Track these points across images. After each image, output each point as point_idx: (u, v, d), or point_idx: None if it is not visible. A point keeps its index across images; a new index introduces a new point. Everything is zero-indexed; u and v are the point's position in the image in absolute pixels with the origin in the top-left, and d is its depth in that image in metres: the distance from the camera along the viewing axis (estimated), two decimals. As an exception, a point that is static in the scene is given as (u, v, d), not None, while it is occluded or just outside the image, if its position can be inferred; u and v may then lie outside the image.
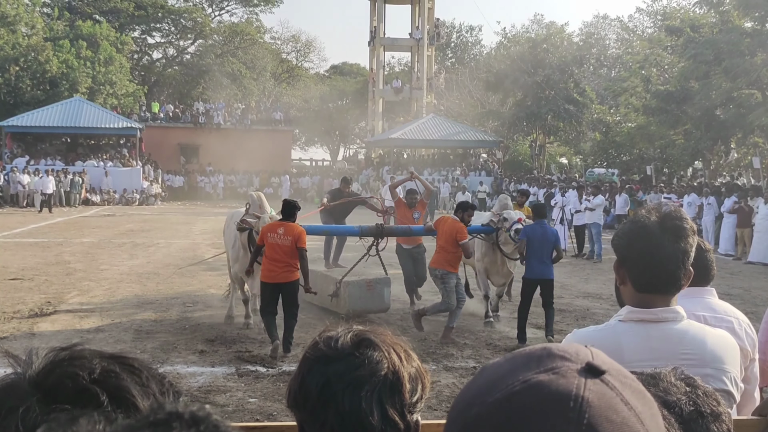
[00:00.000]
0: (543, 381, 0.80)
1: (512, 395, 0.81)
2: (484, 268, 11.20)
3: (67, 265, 16.32)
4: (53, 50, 42.41)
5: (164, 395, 1.03)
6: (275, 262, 8.86)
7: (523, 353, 0.87)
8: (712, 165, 32.92)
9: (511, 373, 0.83)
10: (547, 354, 0.85)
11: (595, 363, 0.83)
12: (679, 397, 1.34)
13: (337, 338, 1.27)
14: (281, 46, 66.72)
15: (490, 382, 0.84)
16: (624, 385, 0.82)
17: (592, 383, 0.80)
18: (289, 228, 8.96)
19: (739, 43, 26.45)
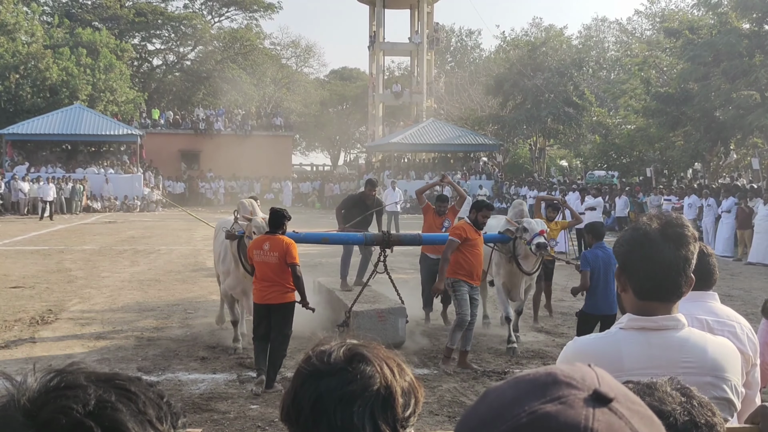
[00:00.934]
0: (550, 412, 0.78)
1: (518, 428, 0.78)
2: (501, 282, 10.11)
3: (69, 272, 16.34)
4: (53, 58, 42.45)
5: (161, 421, 1.00)
6: (264, 281, 7.89)
7: (527, 378, 0.84)
8: (712, 166, 32.91)
9: (517, 403, 0.81)
10: (552, 381, 0.82)
11: (602, 390, 0.81)
12: (674, 407, 1.35)
13: (330, 352, 1.27)
14: (281, 51, 66.86)
15: (495, 411, 0.82)
16: (632, 412, 0.81)
17: (600, 413, 0.78)
18: (275, 242, 7.88)
19: (737, 45, 26.45)
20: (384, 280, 9.98)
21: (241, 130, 48.46)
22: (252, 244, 8.16)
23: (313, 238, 10.20)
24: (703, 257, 3.08)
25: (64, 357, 9.21)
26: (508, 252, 9.80)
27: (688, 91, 29.51)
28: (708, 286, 3.15)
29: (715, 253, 3.36)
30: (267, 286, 7.87)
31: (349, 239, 10.58)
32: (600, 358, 2.19)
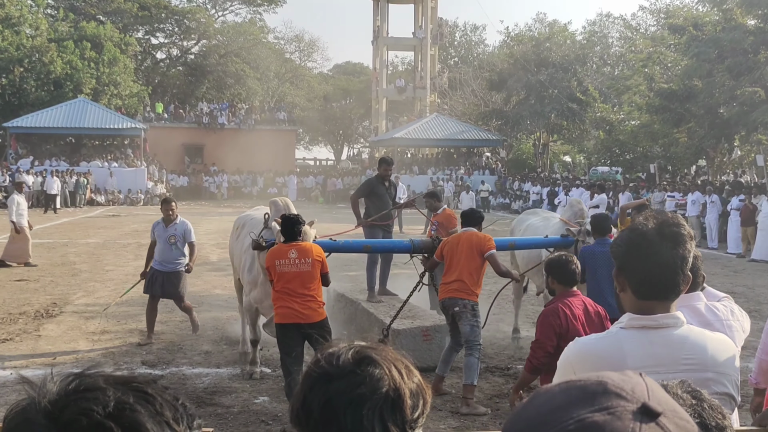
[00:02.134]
0: (598, 422, 0.78)
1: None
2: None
3: (73, 265, 16.38)
4: (57, 51, 42.47)
5: (178, 422, 1.03)
6: (291, 296, 6.78)
7: (577, 385, 0.85)
8: (716, 163, 32.88)
9: (565, 409, 0.81)
10: (602, 390, 0.82)
11: (651, 405, 0.81)
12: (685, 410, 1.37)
13: (339, 355, 1.28)
14: (285, 45, 66.87)
15: (543, 415, 0.82)
16: (679, 428, 0.81)
17: (647, 428, 0.78)
18: (302, 248, 6.84)
19: (742, 41, 26.41)
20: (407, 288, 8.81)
21: (245, 124, 48.48)
22: (272, 253, 6.91)
23: (354, 247, 8.82)
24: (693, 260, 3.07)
25: (69, 350, 9.26)
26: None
27: (693, 88, 29.47)
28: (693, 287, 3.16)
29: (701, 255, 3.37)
30: (297, 301, 6.77)
31: (394, 247, 9.26)
32: (603, 358, 2.22)
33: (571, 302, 5.33)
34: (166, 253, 9.91)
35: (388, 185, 10.53)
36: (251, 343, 8.33)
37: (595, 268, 7.23)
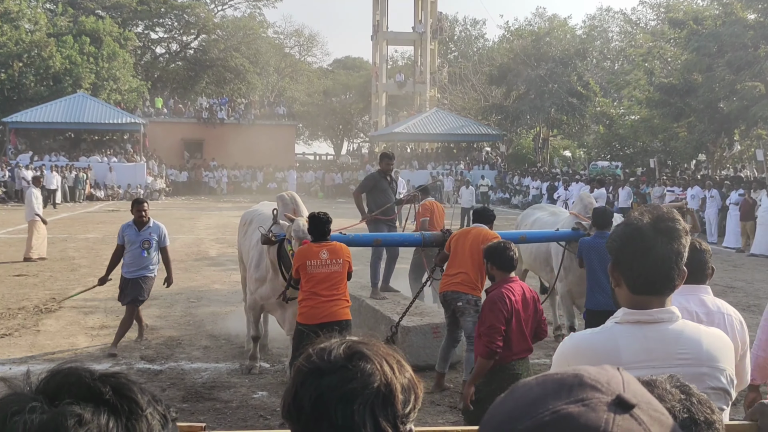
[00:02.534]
0: (573, 413, 0.80)
1: (541, 426, 0.80)
2: (568, 289, 8.84)
3: (72, 260, 16.39)
4: (56, 46, 42.42)
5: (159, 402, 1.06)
6: (321, 296, 6.68)
7: (555, 378, 0.86)
8: (716, 158, 32.86)
9: (542, 401, 0.82)
10: (578, 383, 0.84)
11: (626, 397, 0.82)
12: (673, 405, 1.36)
13: (330, 350, 1.28)
14: (284, 40, 66.86)
15: (520, 407, 0.84)
16: (653, 419, 0.81)
17: (621, 419, 0.79)
18: (334, 249, 6.80)
19: (742, 36, 26.38)
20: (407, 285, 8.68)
21: (245, 119, 48.45)
22: (302, 253, 6.76)
23: (364, 240, 8.64)
24: (697, 252, 3.24)
25: (68, 345, 9.27)
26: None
27: (692, 82, 29.44)
28: (701, 280, 3.28)
29: (710, 249, 3.47)
30: (326, 301, 6.67)
31: (405, 240, 9.08)
32: (597, 353, 2.21)
33: (512, 287, 5.46)
34: (137, 258, 9.14)
35: (390, 180, 10.49)
36: (252, 339, 8.25)
37: (594, 260, 7.23)
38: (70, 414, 0.95)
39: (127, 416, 0.99)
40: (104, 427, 0.96)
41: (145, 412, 1.01)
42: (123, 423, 0.99)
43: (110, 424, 0.97)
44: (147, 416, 1.01)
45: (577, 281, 8.47)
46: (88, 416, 0.96)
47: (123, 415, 0.99)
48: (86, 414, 0.96)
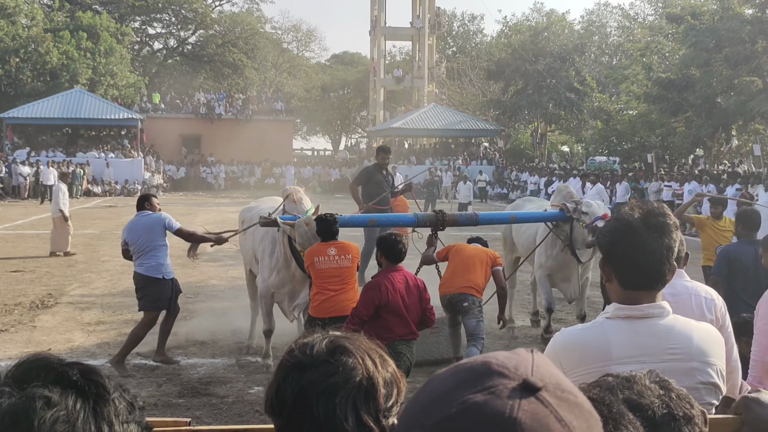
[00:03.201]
0: (479, 402, 0.80)
1: (448, 418, 0.81)
2: (547, 273, 8.97)
3: (69, 256, 16.37)
4: (53, 41, 42.36)
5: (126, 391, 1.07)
6: (333, 291, 6.91)
7: (465, 367, 0.86)
8: (713, 152, 32.88)
9: (451, 393, 0.83)
10: (486, 370, 0.84)
11: (532, 380, 0.82)
12: (652, 401, 1.36)
13: (313, 345, 1.29)
14: (282, 35, 66.77)
15: (431, 401, 0.85)
16: (560, 400, 0.82)
17: (527, 402, 0.80)
18: (342, 246, 7.06)
19: (739, 31, 26.36)
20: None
21: (242, 114, 48.40)
22: (311, 252, 7.03)
23: (359, 222, 8.82)
24: None
25: (64, 341, 9.26)
26: (564, 237, 8.50)
27: (690, 77, 29.44)
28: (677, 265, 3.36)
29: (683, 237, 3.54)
30: (335, 295, 6.89)
31: (399, 221, 9.15)
32: (588, 348, 2.21)
33: (394, 277, 5.84)
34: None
35: (386, 173, 10.63)
36: (265, 333, 8.15)
37: (742, 268, 7.08)
38: (38, 396, 0.97)
39: (95, 399, 1.01)
40: (72, 409, 0.98)
41: (112, 395, 1.03)
42: (90, 405, 1.00)
43: (77, 406, 0.98)
44: (114, 400, 1.03)
45: (558, 267, 8.72)
46: (56, 398, 0.97)
47: (90, 397, 1.00)
48: (54, 396, 0.97)
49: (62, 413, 0.97)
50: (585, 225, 8.17)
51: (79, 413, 0.98)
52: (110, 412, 1.01)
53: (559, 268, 8.72)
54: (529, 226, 9.49)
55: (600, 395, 1.18)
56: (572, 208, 8.34)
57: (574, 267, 8.62)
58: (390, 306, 5.74)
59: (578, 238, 8.28)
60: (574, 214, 8.27)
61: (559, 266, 8.71)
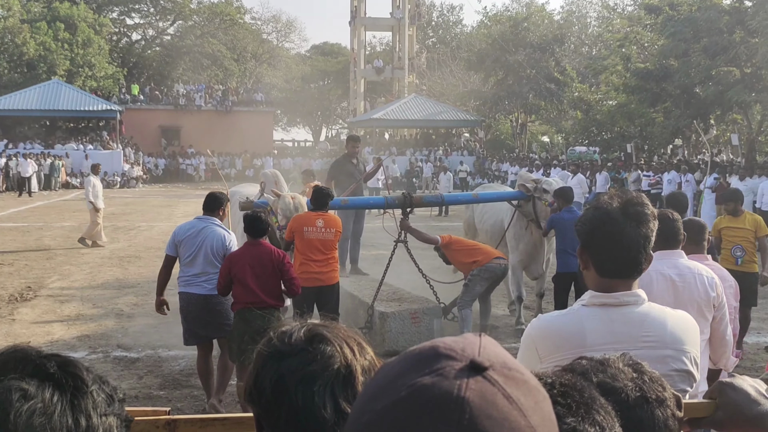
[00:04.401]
0: (426, 384, 0.82)
1: (397, 402, 0.82)
2: (519, 259, 9.36)
3: (48, 249, 16.26)
4: (30, 32, 41.90)
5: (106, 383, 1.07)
6: (317, 262, 7.43)
7: (413, 353, 0.88)
8: (692, 142, 33.10)
9: (399, 377, 0.85)
10: (434, 354, 0.85)
11: (479, 360, 0.84)
12: (626, 383, 1.38)
13: (291, 333, 1.29)
14: (262, 26, 66.28)
15: (381, 386, 0.86)
16: (507, 378, 0.83)
17: (474, 381, 0.81)
18: (329, 219, 7.57)
19: (717, 21, 26.50)
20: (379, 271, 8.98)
21: (222, 105, 48.15)
22: (299, 219, 7.54)
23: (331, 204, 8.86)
24: (669, 221, 3.71)
25: (44, 334, 9.20)
26: (528, 215, 9.09)
27: (669, 68, 29.58)
28: (674, 245, 3.73)
29: (680, 218, 3.91)
30: (320, 265, 7.42)
31: (370, 203, 9.80)
32: (563, 334, 2.24)
33: (247, 250, 6.38)
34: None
35: (356, 162, 10.57)
36: None
37: (563, 232, 8.32)
38: (15, 389, 0.97)
39: (72, 392, 1.01)
40: (49, 401, 0.98)
41: (90, 388, 1.03)
42: (68, 398, 1.00)
43: (54, 398, 0.98)
44: (92, 393, 1.03)
45: (529, 250, 9.27)
46: (32, 390, 0.97)
47: (68, 390, 1.00)
48: (31, 388, 0.97)
49: (39, 406, 0.97)
50: (548, 203, 8.74)
51: (56, 406, 0.98)
52: (88, 405, 1.01)
53: (528, 249, 9.27)
54: (492, 213, 9.90)
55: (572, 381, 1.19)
56: (532, 187, 8.98)
57: (540, 246, 9.22)
58: (237, 275, 6.26)
59: (541, 213, 8.88)
60: (535, 193, 8.91)
61: (527, 247, 9.26)
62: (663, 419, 1.39)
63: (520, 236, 9.29)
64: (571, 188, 9.31)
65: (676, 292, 3.62)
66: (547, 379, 1.18)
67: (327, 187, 7.87)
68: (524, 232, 9.23)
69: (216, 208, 6.91)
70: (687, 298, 3.62)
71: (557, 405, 1.10)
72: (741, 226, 8.15)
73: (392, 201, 8.89)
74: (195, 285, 6.75)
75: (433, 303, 8.77)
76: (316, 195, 7.64)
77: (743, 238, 8.10)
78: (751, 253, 8.06)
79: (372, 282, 9.67)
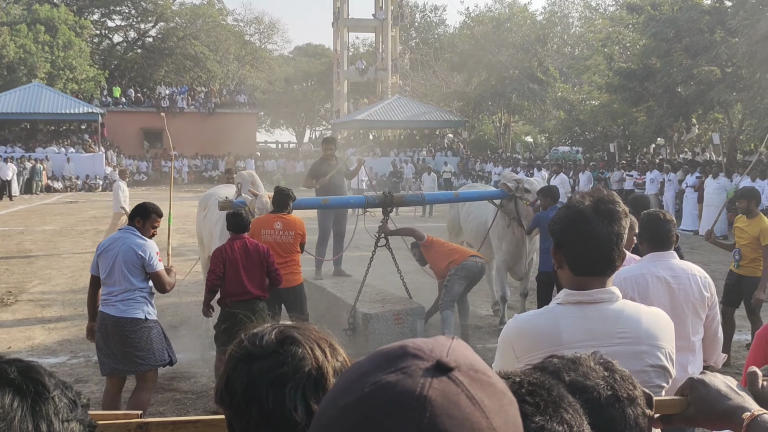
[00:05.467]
0: (390, 382, 0.82)
1: (360, 398, 0.83)
2: (503, 259, 9.43)
3: (29, 253, 16.13)
4: (10, 35, 41.58)
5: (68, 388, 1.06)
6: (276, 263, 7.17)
7: (382, 352, 0.88)
8: (674, 141, 33.31)
9: (366, 375, 0.85)
10: (401, 353, 0.86)
11: (445, 360, 0.84)
12: (597, 382, 1.38)
13: (262, 335, 1.28)
14: (244, 28, 66.10)
15: (347, 384, 0.86)
16: (473, 380, 0.83)
17: (438, 381, 0.81)
18: (288, 221, 7.48)
19: (698, 21, 26.70)
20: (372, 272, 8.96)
21: (205, 107, 48.00)
22: (258, 222, 7.48)
23: (310, 204, 9.22)
24: (662, 222, 3.77)
25: (24, 338, 9.13)
26: (511, 213, 9.13)
27: (651, 67, 29.76)
28: (667, 247, 3.76)
29: (674, 219, 3.92)
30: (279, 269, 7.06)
31: (350, 202, 9.70)
32: (539, 333, 2.24)
33: (234, 243, 6.67)
34: None
35: (335, 163, 10.42)
36: None
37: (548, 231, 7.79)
38: None
39: (33, 398, 1.00)
40: (8, 407, 0.97)
41: (51, 394, 1.02)
42: (28, 404, 0.99)
43: (14, 404, 0.98)
44: (54, 398, 1.02)
45: (513, 249, 9.29)
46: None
47: (28, 396, 1.00)
48: None
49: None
50: (529, 203, 8.78)
51: (16, 411, 0.97)
52: (49, 410, 1.00)
53: (511, 249, 9.29)
54: (477, 213, 9.94)
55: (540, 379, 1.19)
56: (514, 187, 9.05)
57: (523, 245, 9.24)
58: (229, 265, 6.55)
59: (522, 212, 8.96)
60: (516, 192, 8.99)
61: (510, 246, 9.27)
62: (634, 417, 1.39)
63: (503, 235, 9.32)
64: (557, 187, 9.34)
65: (671, 293, 3.66)
66: (515, 377, 1.18)
67: (287, 188, 7.81)
68: (506, 230, 9.27)
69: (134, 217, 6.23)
70: (683, 299, 3.68)
71: (525, 404, 1.09)
72: (747, 229, 7.87)
73: (372, 200, 8.86)
74: (109, 305, 5.92)
75: (417, 304, 8.71)
76: (276, 196, 7.61)
77: (746, 242, 7.88)
78: (750, 258, 7.86)
79: (355, 283, 9.60)
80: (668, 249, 3.76)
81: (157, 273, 6.05)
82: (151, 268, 6.00)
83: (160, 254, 6.18)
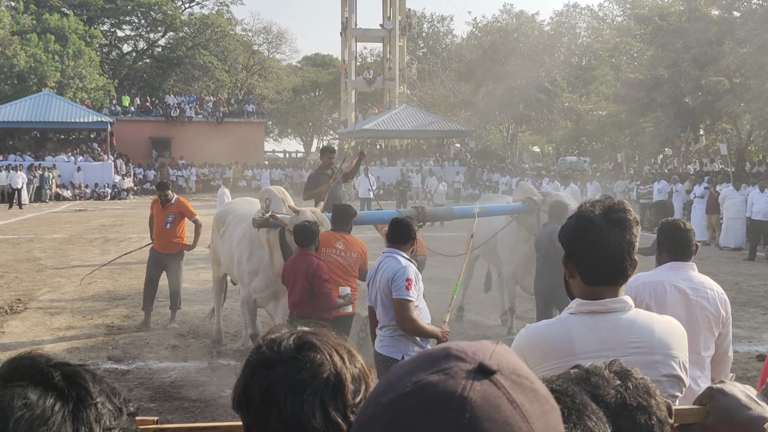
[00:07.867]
0: (432, 382, 0.83)
1: (402, 396, 0.84)
2: (512, 272, 9.30)
3: (38, 261, 16.18)
4: (20, 44, 41.82)
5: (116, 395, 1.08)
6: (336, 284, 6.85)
7: (426, 353, 0.89)
8: (682, 152, 33.23)
9: (408, 374, 0.86)
10: (444, 355, 0.87)
11: (488, 363, 0.85)
12: (607, 392, 1.37)
13: (280, 341, 1.28)
14: (252, 37, 66.39)
15: (390, 382, 0.88)
16: (515, 384, 0.84)
17: (479, 384, 0.82)
18: (350, 243, 7.13)
19: (706, 32, 26.66)
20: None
21: (213, 116, 48.14)
22: (322, 239, 6.84)
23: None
24: (682, 232, 3.71)
25: (33, 346, 9.14)
26: (531, 228, 8.75)
27: (658, 78, 29.72)
28: (687, 257, 3.70)
29: (693, 228, 3.86)
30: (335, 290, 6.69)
31: (384, 217, 9.03)
32: (552, 343, 2.23)
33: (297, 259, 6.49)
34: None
35: (332, 173, 10.25)
36: (251, 338, 7.96)
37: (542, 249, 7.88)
38: (18, 395, 0.98)
39: (75, 403, 1.01)
40: (49, 410, 0.99)
41: (95, 400, 1.03)
42: (70, 408, 1.01)
43: (56, 408, 0.99)
44: (97, 405, 1.03)
45: (523, 261, 8.98)
46: (33, 398, 0.98)
47: (71, 400, 1.01)
48: (33, 396, 0.99)
49: (38, 414, 0.98)
50: None
51: (56, 415, 0.99)
52: (90, 416, 1.02)
53: (523, 261, 8.99)
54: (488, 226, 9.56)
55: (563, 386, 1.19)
56: (540, 200, 8.61)
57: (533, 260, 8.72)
58: (285, 280, 6.57)
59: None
60: (542, 206, 8.53)
61: (522, 260, 8.99)
62: (645, 425, 1.38)
63: (516, 249, 9.14)
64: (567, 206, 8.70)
65: (688, 305, 3.61)
66: None
67: (348, 205, 7.50)
68: (522, 245, 8.99)
69: None
70: (699, 312, 3.62)
71: None
72: None
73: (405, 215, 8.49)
74: None
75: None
76: (337, 213, 7.25)
77: None
78: None
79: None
80: (688, 259, 3.71)
81: None
82: None
83: None
